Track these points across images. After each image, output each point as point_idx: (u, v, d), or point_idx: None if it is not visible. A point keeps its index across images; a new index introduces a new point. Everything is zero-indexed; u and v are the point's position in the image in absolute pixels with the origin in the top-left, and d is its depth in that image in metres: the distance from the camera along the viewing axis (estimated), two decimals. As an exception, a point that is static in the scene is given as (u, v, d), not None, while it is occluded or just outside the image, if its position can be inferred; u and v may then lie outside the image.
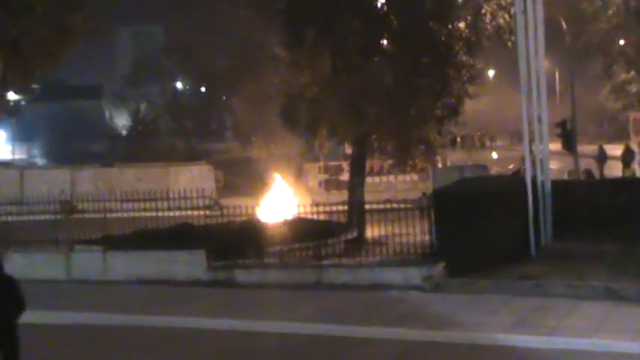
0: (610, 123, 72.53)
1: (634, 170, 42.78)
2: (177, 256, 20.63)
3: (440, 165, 43.31)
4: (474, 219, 17.92)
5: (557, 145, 36.21)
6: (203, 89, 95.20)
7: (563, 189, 21.24)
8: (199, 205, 26.84)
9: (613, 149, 49.66)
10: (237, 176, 53.62)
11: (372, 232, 24.76)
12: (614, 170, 44.86)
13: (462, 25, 27.64)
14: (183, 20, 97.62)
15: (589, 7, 51.32)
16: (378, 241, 22.69)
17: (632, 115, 50.84)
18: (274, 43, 29.42)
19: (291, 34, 26.96)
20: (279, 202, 29.07)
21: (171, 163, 53.75)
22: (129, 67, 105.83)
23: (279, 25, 27.83)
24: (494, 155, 59.50)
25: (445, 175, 29.34)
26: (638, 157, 44.87)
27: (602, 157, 47.03)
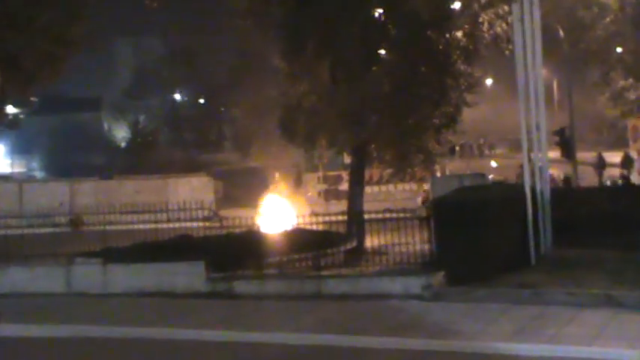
0: (609, 130, 72.60)
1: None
2: (177, 268, 20.57)
3: (439, 174, 43.23)
4: (473, 227, 17.90)
5: (556, 153, 36.25)
6: (202, 100, 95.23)
7: (562, 197, 21.27)
8: (199, 217, 26.94)
9: (612, 156, 49.72)
10: (236, 187, 53.62)
11: (371, 241, 24.73)
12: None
13: (459, 34, 27.65)
14: (182, 32, 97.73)
15: (586, 14, 51.34)
16: (377, 251, 22.67)
17: (631, 123, 50.90)
18: (273, 53, 29.42)
19: (290, 44, 26.96)
20: (278, 212, 29.09)
21: (171, 174, 53.75)
22: (128, 79, 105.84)
23: (277, 36, 27.84)
24: (493, 164, 59.44)
25: (444, 184, 29.18)
26: (637, 164, 44.92)
27: (601, 165, 47.10)
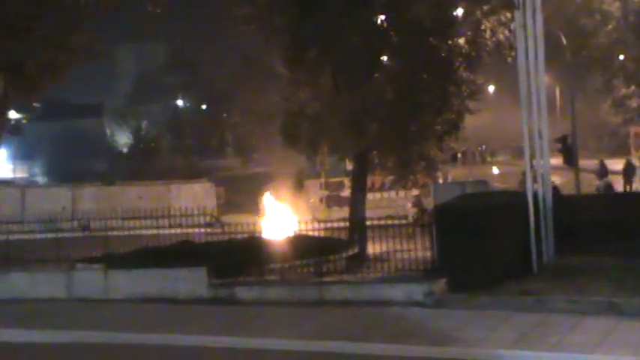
0: (611, 138, 72.60)
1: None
2: (179, 274, 20.57)
3: (441, 181, 43.25)
4: (475, 234, 17.88)
5: (558, 160, 36.22)
6: (204, 107, 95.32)
7: (566, 204, 21.26)
8: (201, 223, 26.92)
9: (614, 164, 49.66)
10: (238, 193, 53.67)
11: (373, 248, 24.72)
12: (618, 185, 44.80)
13: (462, 41, 27.65)
14: (184, 38, 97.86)
15: (589, 22, 51.40)
16: (379, 258, 22.65)
17: (633, 130, 50.90)
18: (275, 60, 29.43)
19: (293, 51, 26.96)
20: (280, 218, 29.09)
21: (173, 180, 53.82)
22: (130, 85, 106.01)
23: (280, 43, 27.85)
24: (495, 170, 59.46)
25: (446, 191, 29.26)
26: (639, 172, 44.85)
27: (603, 172, 47.01)
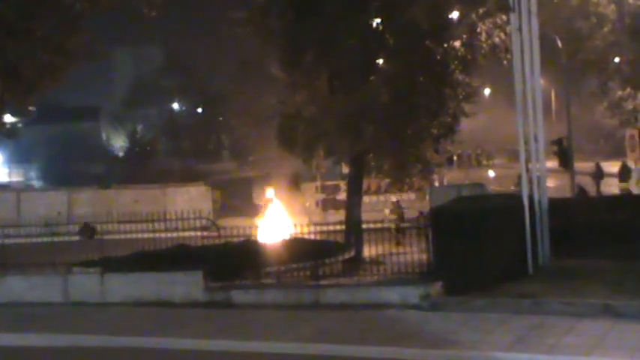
0: (606, 140, 72.66)
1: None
2: (175, 278, 20.54)
3: (437, 184, 43.29)
4: (471, 237, 17.90)
5: (553, 163, 36.25)
6: (200, 110, 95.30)
7: (561, 206, 21.26)
8: (197, 226, 26.89)
9: (610, 166, 49.70)
10: (234, 197, 53.62)
11: (369, 251, 24.70)
12: (611, 187, 44.85)
13: (457, 44, 27.69)
14: (180, 41, 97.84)
15: (584, 24, 51.42)
16: (375, 261, 22.65)
17: (629, 132, 50.88)
18: (272, 63, 29.43)
19: (289, 54, 26.98)
20: (276, 222, 29.09)
21: (169, 184, 53.70)
22: (126, 88, 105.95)
23: (276, 46, 27.86)
24: (491, 173, 59.45)
25: (442, 194, 29.33)
26: (634, 174, 44.86)
27: (598, 175, 47.08)
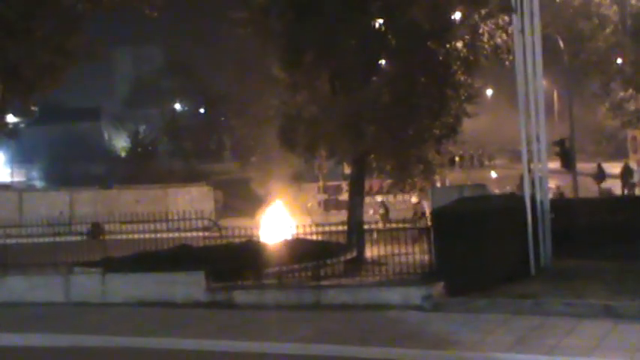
0: (608, 141, 72.60)
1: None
2: (176, 278, 20.55)
3: (439, 184, 43.27)
4: (473, 238, 17.90)
5: (556, 164, 36.24)
6: (202, 110, 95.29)
7: (563, 207, 21.28)
8: (198, 227, 26.87)
9: (612, 167, 49.70)
10: (236, 197, 53.67)
11: (371, 251, 24.70)
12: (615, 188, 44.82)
13: (459, 45, 27.67)
14: (182, 42, 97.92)
15: (586, 25, 51.39)
16: (377, 261, 22.65)
17: (631, 133, 50.88)
18: (273, 63, 29.44)
19: (290, 54, 26.98)
20: (278, 222, 29.07)
21: (170, 184, 53.80)
22: (128, 88, 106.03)
23: (277, 46, 27.86)
24: (493, 174, 59.46)
25: (444, 195, 29.25)
26: (636, 175, 44.88)
27: (600, 176, 47.08)
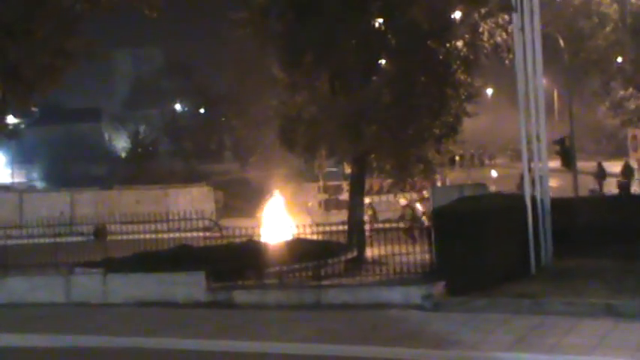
0: (609, 140, 72.60)
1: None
2: (177, 278, 20.55)
3: (439, 184, 43.29)
4: (473, 237, 17.89)
5: (556, 163, 36.21)
6: (202, 111, 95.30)
7: (563, 206, 21.27)
8: (199, 227, 26.89)
9: (612, 166, 49.70)
10: (236, 197, 53.68)
11: (371, 251, 24.71)
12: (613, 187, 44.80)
13: (459, 44, 27.68)
14: (182, 42, 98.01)
15: (586, 24, 51.40)
16: (377, 261, 22.66)
17: (631, 132, 50.89)
18: (272, 63, 29.45)
19: (289, 55, 26.99)
20: (278, 222, 29.08)
21: (171, 184, 53.78)
22: (128, 89, 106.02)
23: (276, 46, 27.87)
24: (493, 173, 59.42)
25: (444, 194, 29.27)
26: (637, 174, 44.88)
27: (601, 175, 47.07)
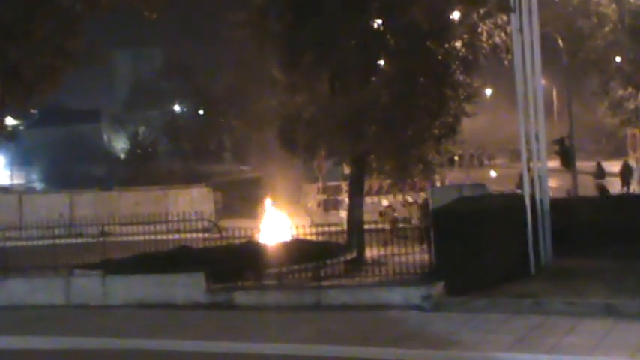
0: (608, 140, 72.60)
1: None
2: (177, 279, 20.54)
3: (438, 184, 43.26)
4: (473, 237, 17.90)
5: (555, 163, 36.23)
6: (201, 112, 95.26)
7: (563, 206, 21.29)
8: (198, 228, 26.88)
9: (611, 166, 49.70)
10: (236, 198, 53.67)
11: (371, 252, 24.71)
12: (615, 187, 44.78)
13: (458, 44, 27.70)
14: (181, 43, 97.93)
15: (585, 24, 51.38)
16: (377, 261, 22.66)
17: (630, 132, 50.94)
18: (272, 64, 29.44)
19: (288, 55, 27.00)
20: (277, 223, 29.09)
21: (170, 186, 53.76)
22: (127, 90, 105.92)
23: (275, 47, 27.87)
24: (492, 174, 59.41)
25: (444, 194, 29.28)
26: (636, 174, 44.87)
27: (600, 174, 47.08)
